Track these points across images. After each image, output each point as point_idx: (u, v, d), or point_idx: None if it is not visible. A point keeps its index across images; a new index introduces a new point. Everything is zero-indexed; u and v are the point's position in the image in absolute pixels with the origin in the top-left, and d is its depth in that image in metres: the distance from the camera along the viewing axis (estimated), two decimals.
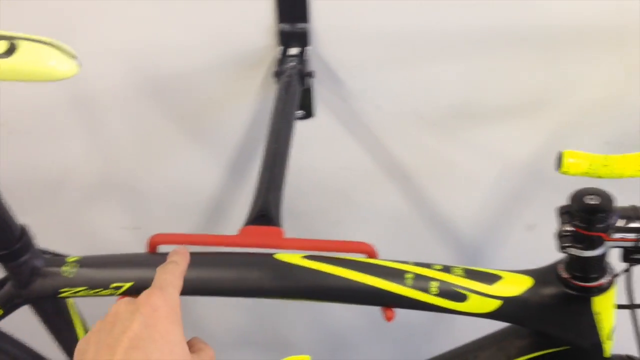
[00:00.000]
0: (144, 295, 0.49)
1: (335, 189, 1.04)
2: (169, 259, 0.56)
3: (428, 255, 1.10)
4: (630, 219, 0.51)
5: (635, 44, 0.81)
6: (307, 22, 0.81)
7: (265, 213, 0.65)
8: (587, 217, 0.51)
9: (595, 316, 0.58)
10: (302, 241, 0.62)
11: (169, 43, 0.87)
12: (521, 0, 0.79)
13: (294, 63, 0.81)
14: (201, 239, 0.63)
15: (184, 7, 0.83)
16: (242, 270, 0.60)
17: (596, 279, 0.56)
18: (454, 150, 0.96)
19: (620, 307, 0.61)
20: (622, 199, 0.56)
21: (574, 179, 0.71)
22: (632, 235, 0.51)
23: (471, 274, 0.59)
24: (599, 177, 0.74)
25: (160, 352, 0.45)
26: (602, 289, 0.57)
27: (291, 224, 1.07)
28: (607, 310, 0.58)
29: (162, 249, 0.63)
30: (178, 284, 0.52)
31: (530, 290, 0.58)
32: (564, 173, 0.74)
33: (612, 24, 0.80)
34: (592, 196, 0.52)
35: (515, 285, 0.59)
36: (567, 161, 0.73)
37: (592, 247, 0.53)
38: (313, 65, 0.86)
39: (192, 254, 0.58)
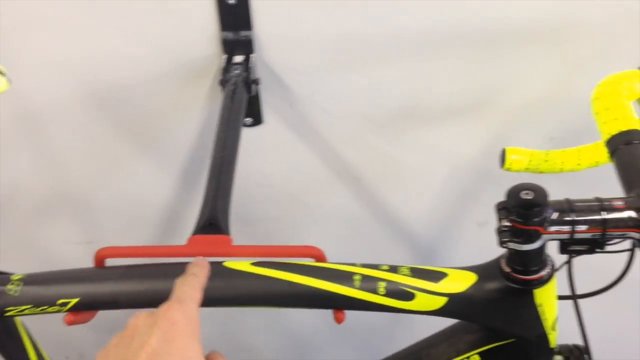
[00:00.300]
0: (162, 308, 0.48)
1: (288, 194, 1.05)
2: (188, 270, 0.56)
3: (383, 255, 1.12)
4: (564, 212, 0.53)
5: (572, 40, 0.84)
6: (250, 29, 0.81)
7: (213, 221, 0.65)
8: (523, 212, 0.52)
9: (538, 308, 0.59)
10: (251, 248, 0.62)
11: (111, 53, 0.86)
12: (461, 2, 0.81)
13: (239, 71, 0.81)
14: (148, 250, 0.62)
15: (125, 16, 0.82)
16: None
17: (536, 271, 0.58)
18: (403, 150, 0.97)
19: (561, 297, 0.62)
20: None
21: (523, 175, 0.74)
22: (567, 228, 0.53)
23: (417, 273, 0.60)
24: (541, 172, 0.76)
25: None
26: (542, 281, 0.58)
27: (245, 231, 1.08)
28: (549, 301, 0.60)
29: (110, 262, 0.62)
30: (197, 297, 0.52)
31: (474, 286, 0.60)
32: (507, 170, 0.76)
33: (550, 22, 0.83)
34: (527, 191, 0.53)
35: (460, 282, 0.60)
36: (510, 158, 0.75)
37: (530, 240, 0.54)
38: (259, 72, 0.86)
39: (136, 267, 0.57)
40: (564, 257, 0.61)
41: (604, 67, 0.69)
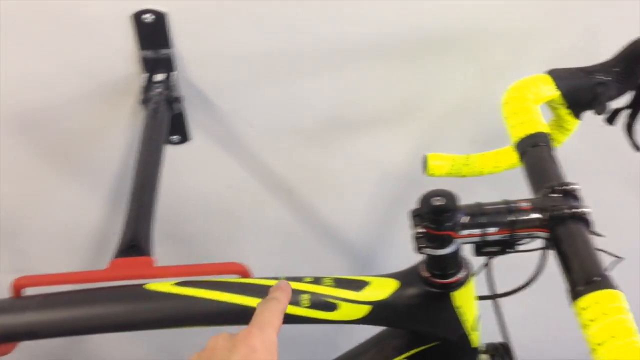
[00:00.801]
0: (243, 333, 0.48)
1: (222, 210, 1.04)
2: (271, 294, 0.55)
3: (320, 266, 1.13)
4: (474, 215, 0.54)
5: (486, 48, 0.87)
6: (170, 47, 0.81)
7: (135, 243, 0.64)
8: (435, 217, 0.54)
9: (457, 310, 0.61)
10: (173, 268, 0.62)
11: (30, 76, 0.84)
12: (379, 14, 0.82)
13: (161, 89, 0.81)
14: (67, 277, 0.61)
15: (41, 37, 0.80)
16: (110, 305, 0.59)
17: (453, 274, 0.59)
18: (332, 160, 0.98)
19: (481, 298, 0.64)
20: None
21: (450, 180, 0.75)
22: (477, 231, 0.54)
23: (340, 283, 0.61)
24: (463, 176, 0.78)
25: None
26: (460, 284, 0.60)
27: (179, 250, 1.08)
28: (467, 303, 0.61)
29: (29, 291, 0.61)
30: (277, 324, 0.51)
31: (396, 292, 0.61)
32: (430, 175, 0.78)
33: (465, 31, 0.85)
34: (438, 197, 0.54)
35: (382, 290, 0.61)
36: (432, 164, 0.77)
37: (444, 245, 0.55)
38: (182, 89, 0.86)
39: (54, 295, 0.56)
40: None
41: (516, 72, 0.72)
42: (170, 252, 1.09)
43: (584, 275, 0.48)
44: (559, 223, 0.52)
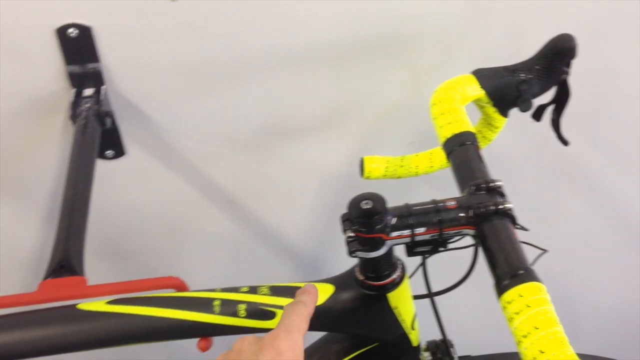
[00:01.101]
0: (269, 336, 0.47)
1: (164, 223, 1.03)
2: (298, 297, 0.54)
3: (269, 274, 1.13)
4: (403, 217, 0.55)
5: (416, 51, 0.88)
6: (97, 61, 0.80)
7: (65, 263, 0.63)
8: (364, 221, 0.54)
9: (394, 310, 0.61)
10: (106, 287, 0.61)
11: None
12: (308, 21, 0.82)
13: (90, 104, 0.79)
14: None
15: None
16: (41, 328, 0.58)
17: (388, 276, 0.60)
18: (272, 168, 0.98)
19: (417, 297, 0.65)
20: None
21: (393, 182, 0.76)
22: (407, 232, 0.55)
23: (276, 291, 0.61)
24: (399, 177, 0.79)
25: None
26: (394, 284, 0.60)
27: (121, 266, 1.06)
28: (403, 303, 0.62)
29: None
30: (304, 328, 0.50)
31: (332, 297, 0.61)
32: (367, 178, 0.79)
33: (396, 35, 0.86)
34: (366, 201, 0.54)
35: (319, 295, 0.61)
36: (369, 167, 0.77)
37: (376, 248, 0.56)
38: (114, 103, 0.84)
39: None
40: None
41: (445, 72, 0.73)
42: (115, 269, 1.07)
43: (509, 270, 0.49)
44: (484, 220, 0.53)
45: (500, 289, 0.49)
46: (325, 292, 0.61)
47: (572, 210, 1.11)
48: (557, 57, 0.66)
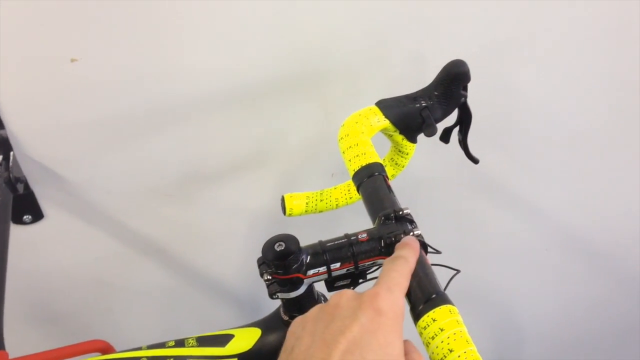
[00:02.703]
0: (369, 294, 0.43)
1: (93, 281, 1.01)
2: (397, 252, 0.50)
3: (209, 320, 1.12)
4: (317, 254, 0.55)
5: (325, 85, 0.90)
6: (2, 128, 0.78)
7: None
8: (279, 263, 0.54)
9: None
10: (29, 358, 0.59)
11: None
12: (214, 64, 0.83)
13: None
14: None
15: None
16: None
17: None
18: (198, 214, 0.98)
19: None
20: None
21: (321, 217, 0.77)
22: (323, 268, 0.55)
23: (203, 341, 0.60)
24: (321, 211, 0.80)
25: None
26: None
27: (53, 329, 1.03)
28: None
29: None
30: (405, 285, 0.47)
31: (259, 341, 0.61)
32: (290, 215, 0.79)
33: (304, 71, 0.88)
34: (279, 243, 0.55)
35: (246, 340, 0.61)
36: (289, 204, 0.78)
37: (295, 287, 0.56)
38: (26, 168, 0.83)
39: None
40: None
41: (356, 103, 0.75)
42: (46, 333, 1.04)
43: (422, 295, 0.50)
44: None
45: (415, 315, 0.49)
46: (252, 336, 0.61)
47: (496, 221, 1.15)
48: (453, 82, 0.69)
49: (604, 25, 0.91)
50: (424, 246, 0.55)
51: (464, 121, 0.74)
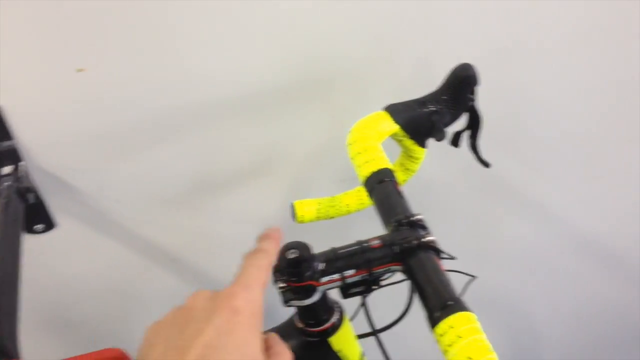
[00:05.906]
0: (225, 294, 0.42)
1: (108, 289, 1.01)
2: (258, 244, 0.49)
3: None
4: (331, 261, 0.55)
5: (332, 92, 0.90)
6: (12, 139, 0.78)
7: None
8: (293, 270, 0.54)
9: (338, 354, 0.61)
10: None
11: None
12: (228, 69, 0.83)
13: (10, 182, 0.78)
14: None
15: None
16: None
17: (327, 320, 0.60)
18: (210, 222, 0.98)
19: (361, 336, 0.65)
20: None
21: (330, 223, 0.77)
22: (337, 276, 0.55)
23: None
24: (332, 217, 0.80)
25: None
26: (335, 328, 0.60)
27: (71, 336, 1.03)
28: (347, 344, 0.62)
29: None
30: (264, 281, 0.45)
31: None
32: (301, 222, 0.79)
33: (311, 78, 0.88)
34: (292, 250, 0.55)
35: None
36: (300, 211, 0.78)
37: (309, 295, 0.56)
38: (37, 178, 0.83)
39: None
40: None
41: (363, 108, 0.75)
42: (61, 341, 1.04)
43: (437, 302, 0.50)
44: (408, 255, 0.54)
45: (432, 322, 0.49)
46: None
47: (508, 225, 1.14)
48: (460, 86, 0.69)
49: (618, 26, 0.90)
50: (437, 252, 0.55)
51: (474, 125, 0.74)
